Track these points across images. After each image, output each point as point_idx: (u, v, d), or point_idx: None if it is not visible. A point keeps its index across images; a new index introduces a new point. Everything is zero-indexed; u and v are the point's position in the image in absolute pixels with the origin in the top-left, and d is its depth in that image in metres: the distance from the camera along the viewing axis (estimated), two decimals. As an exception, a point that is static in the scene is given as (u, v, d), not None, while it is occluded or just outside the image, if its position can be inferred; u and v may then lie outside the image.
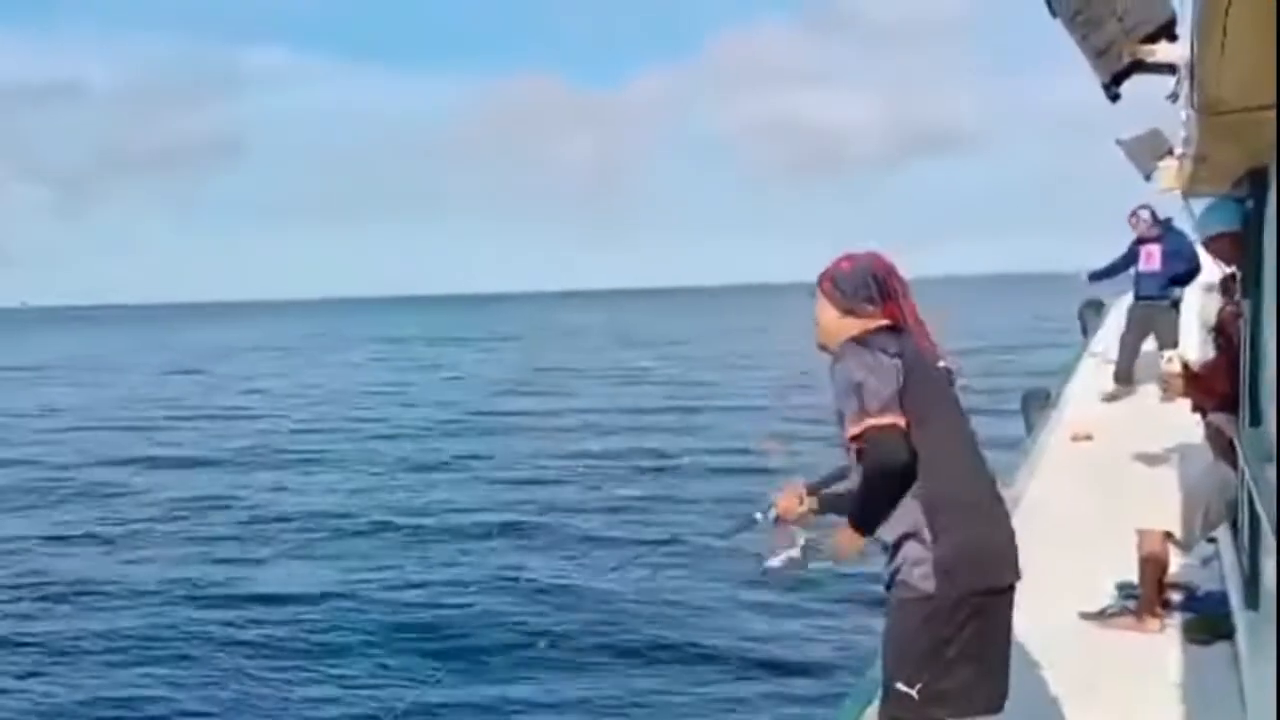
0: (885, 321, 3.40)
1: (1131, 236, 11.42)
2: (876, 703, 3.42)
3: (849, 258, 3.47)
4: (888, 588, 3.32)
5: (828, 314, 3.44)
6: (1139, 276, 11.38)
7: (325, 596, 10.80)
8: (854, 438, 3.20)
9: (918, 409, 3.21)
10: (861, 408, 3.17)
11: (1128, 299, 11.87)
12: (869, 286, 3.42)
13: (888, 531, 3.26)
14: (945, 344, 3.48)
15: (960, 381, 3.48)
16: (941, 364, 3.44)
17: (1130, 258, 11.48)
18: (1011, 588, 3.30)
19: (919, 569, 3.18)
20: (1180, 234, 10.98)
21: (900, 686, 3.21)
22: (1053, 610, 5.60)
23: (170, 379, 40.49)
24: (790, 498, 3.58)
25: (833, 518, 3.46)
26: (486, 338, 64.29)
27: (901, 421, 3.15)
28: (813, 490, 3.65)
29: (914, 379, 3.24)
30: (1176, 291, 11.26)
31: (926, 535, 3.18)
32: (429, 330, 74.99)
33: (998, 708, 3.29)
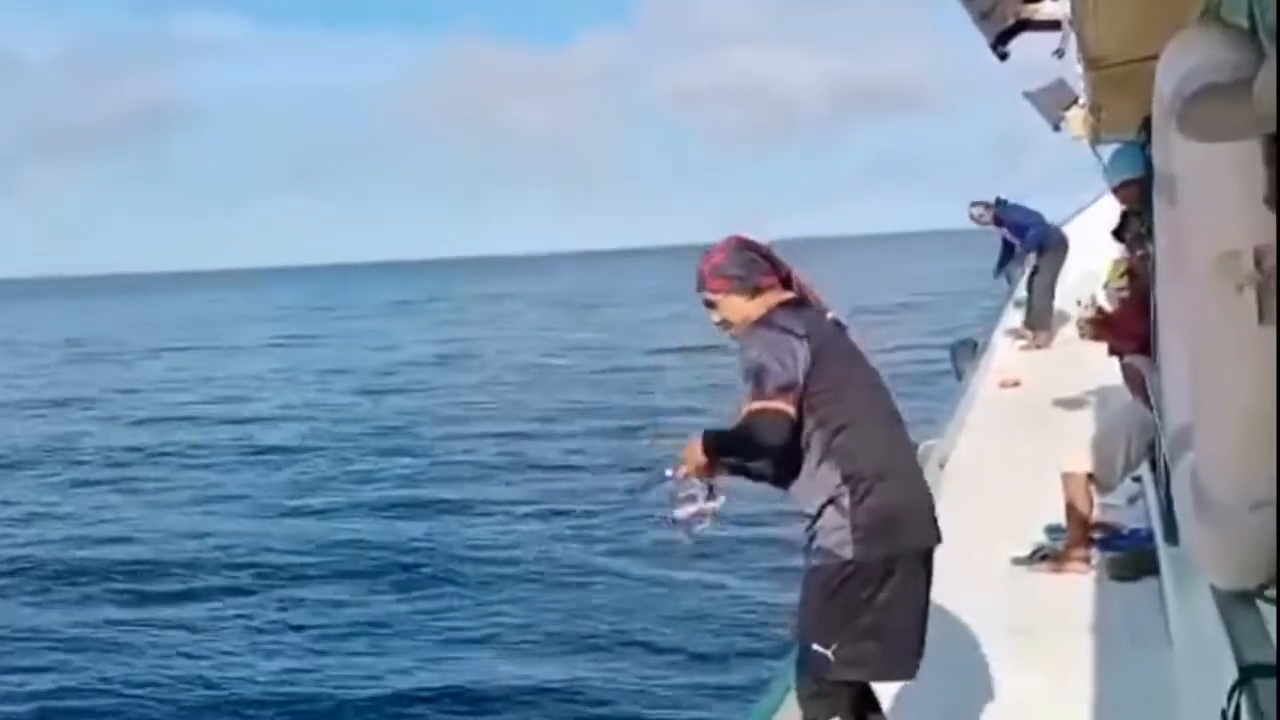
0: (787, 295, 3.44)
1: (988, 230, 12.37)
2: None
3: (715, 251, 3.48)
4: (805, 553, 3.36)
5: (736, 304, 3.42)
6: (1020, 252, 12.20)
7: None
8: (747, 415, 3.25)
9: (832, 381, 3.27)
10: (758, 390, 3.21)
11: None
12: (756, 261, 3.45)
13: (807, 501, 3.31)
14: (885, 298, 3.51)
15: (879, 334, 3.51)
16: (830, 315, 3.48)
17: (1007, 246, 12.36)
18: (930, 551, 3.37)
19: (836, 534, 3.23)
20: (1011, 209, 12.03)
21: (816, 648, 3.26)
22: (986, 557, 5.71)
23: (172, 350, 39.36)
24: (694, 448, 3.50)
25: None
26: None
27: (791, 410, 3.19)
28: (708, 438, 3.54)
29: (824, 354, 3.29)
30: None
31: (845, 502, 3.23)
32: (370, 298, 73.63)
33: (913, 671, 3.35)
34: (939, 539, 3.39)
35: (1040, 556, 5.85)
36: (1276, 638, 1.69)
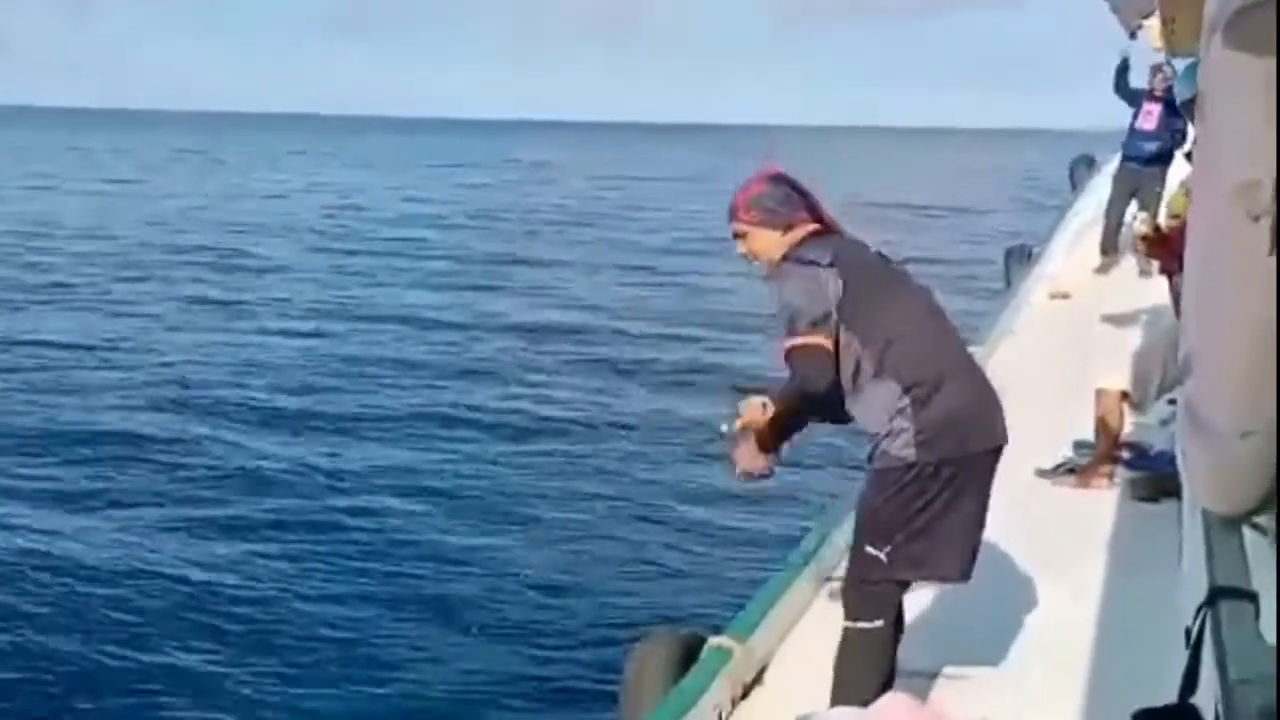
0: (814, 226, 3.46)
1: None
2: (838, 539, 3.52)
3: (752, 183, 3.51)
4: (869, 461, 3.41)
5: (766, 238, 3.45)
6: (1131, 134, 10.85)
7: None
8: (785, 355, 3.30)
9: (869, 299, 3.30)
10: (791, 328, 3.26)
11: (1116, 161, 11.48)
12: (791, 196, 3.48)
13: (873, 420, 3.33)
14: (950, 198, 3.48)
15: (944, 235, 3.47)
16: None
17: (1135, 107, 10.86)
18: (997, 451, 3.40)
19: (899, 439, 3.27)
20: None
21: (869, 549, 3.32)
22: (1011, 467, 5.71)
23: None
24: (755, 408, 3.54)
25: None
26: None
27: (828, 343, 3.23)
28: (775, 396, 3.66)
29: (856, 275, 3.32)
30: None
31: (908, 410, 3.26)
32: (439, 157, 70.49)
33: (966, 574, 3.41)
34: (1005, 438, 3.41)
35: (1065, 470, 5.87)
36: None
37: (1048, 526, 5.18)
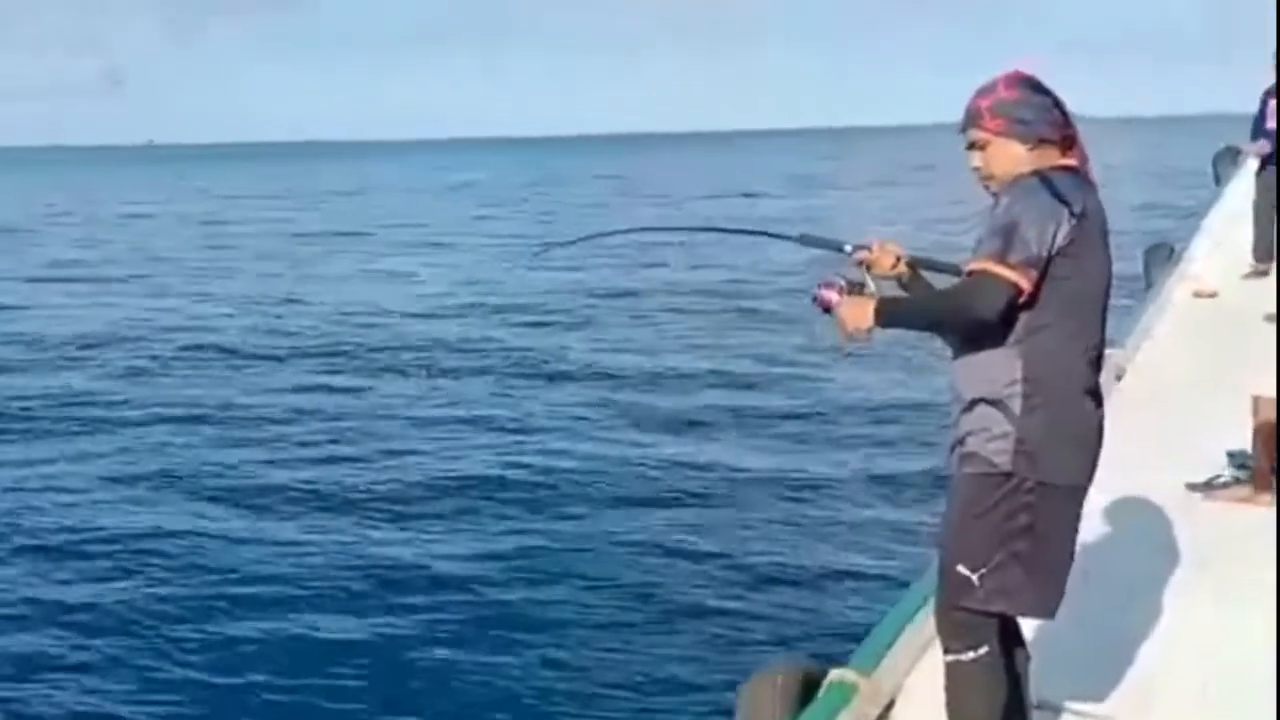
0: (1070, 161, 2.97)
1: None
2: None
3: (1000, 85, 2.98)
4: (952, 455, 3.04)
5: (1011, 152, 2.94)
6: (1267, 134, 10.03)
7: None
8: (969, 273, 2.86)
9: (1071, 272, 2.85)
10: (1000, 251, 2.80)
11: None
12: (1048, 109, 2.96)
13: (968, 382, 2.95)
14: None
15: None
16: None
17: (1260, 111, 10.14)
18: (1086, 490, 3.01)
19: (996, 443, 2.90)
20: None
21: (961, 569, 2.97)
22: (1159, 479, 5.33)
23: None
24: (887, 253, 3.23)
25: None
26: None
27: (1029, 286, 2.80)
28: (915, 263, 3.29)
29: (1083, 243, 2.85)
30: None
31: (1016, 405, 2.88)
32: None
33: (1054, 610, 3.03)
34: (1092, 480, 3.01)
35: (1219, 485, 5.44)
36: None
37: (1199, 544, 4.76)
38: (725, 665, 6.06)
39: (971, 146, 3.02)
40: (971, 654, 3.01)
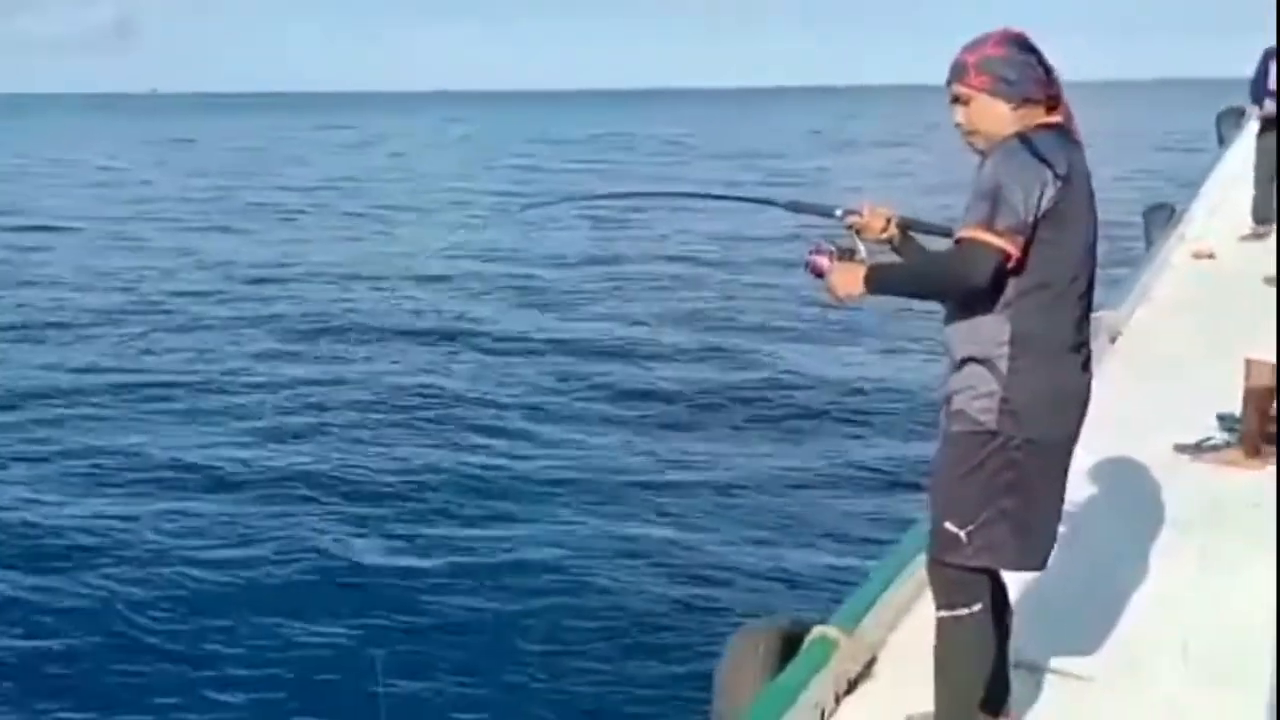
0: (1053, 119, 2.95)
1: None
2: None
3: (987, 42, 2.96)
4: (942, 412, 3.06)
5: (994, 110, 2.92)
6: (1269, 94, 9.87)
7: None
8: (958, 240, 2.87)
9: (1058, 234, 2.85)
10: (988, 218, 2.80)
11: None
12: (1033, 66, 2.94)
13: (959, 343, 2.97)
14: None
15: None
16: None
17: (1259, 72, 9.99)
18: (1072, 448, 3.03)
19: (982, 401, 2.91)
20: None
21: (950, 526, 2.99)
22: (1148, 440, 5.34)
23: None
24: (878, 216, 3.23)
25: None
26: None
27: (1017, 252, 2.80)
28: (906, 225, 3.30)
29: (1068, 203, 2.85)
30: None
31: (1003, 365, 2.89)
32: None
33: (1043, 562, 3.07)
34: (1078, 438, 3.03)
35: (1208, 446, 5.44)
36: None
37: (1187, 509, 4.76)
38: (708, 626, 6.05)
39: (955, 101, 3.00)
40: (965, 609, 3.04)
